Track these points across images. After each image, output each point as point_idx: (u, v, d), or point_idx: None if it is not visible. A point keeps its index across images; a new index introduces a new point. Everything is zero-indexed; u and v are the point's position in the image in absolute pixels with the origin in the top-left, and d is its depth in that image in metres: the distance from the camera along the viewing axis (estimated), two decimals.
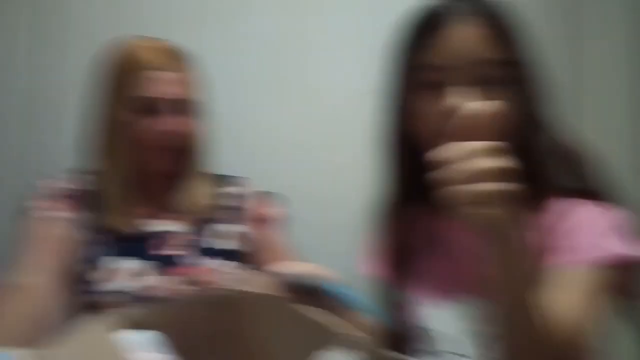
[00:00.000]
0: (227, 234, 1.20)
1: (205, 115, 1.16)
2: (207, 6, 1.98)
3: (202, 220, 1.19)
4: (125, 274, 1.08)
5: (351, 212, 1.90)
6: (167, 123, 1.07)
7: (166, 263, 1.12)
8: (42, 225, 1.08)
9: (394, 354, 0.58)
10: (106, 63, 1.11)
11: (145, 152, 1.09)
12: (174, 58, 1.11)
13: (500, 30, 0.78)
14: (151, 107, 1.06)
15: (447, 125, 0.64)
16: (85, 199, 1.13)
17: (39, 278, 0.97)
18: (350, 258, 0.98)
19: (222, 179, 1.26)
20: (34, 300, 0.98)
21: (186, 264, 1.13)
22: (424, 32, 0.79)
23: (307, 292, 0.68)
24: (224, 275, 1.02)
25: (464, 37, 0.76)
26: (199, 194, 1.17)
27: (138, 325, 0.60)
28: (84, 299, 1.06)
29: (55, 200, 1.11)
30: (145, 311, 0.63)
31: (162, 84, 1.07)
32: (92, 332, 0.57)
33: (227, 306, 0.66)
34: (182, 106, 1.09)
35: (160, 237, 1.15)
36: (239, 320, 0.65)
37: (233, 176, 1.27)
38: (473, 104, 0.62)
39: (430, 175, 0.61)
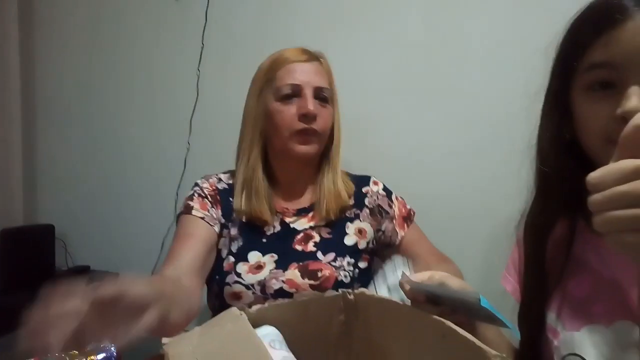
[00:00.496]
0: (358, 232, 1.22)
1: (339, 110, 1.24)
2: (355, 9, 2.02)
3: (341, 217, 1.22)
4: (266, 269, 1.12)
5: (497, 223, 1.80)
6: (311, 104, 1.13)
7: (303, 259, 1.15)
8: (191, 222, 1.14)
9: None
10: (259, 67, 1.23)
11: (290, 137, 1.14)
12: (313, 55, 1.22)
13: None
14: (295, 92, 1.15)
15: (619, 133, 0.55)
16: (231, 197, 1.20)
17: (182, 272, 1.02)
18: (489, 270, 0.91)
19: (358, 178, 1.31)
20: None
21: (323, 260, 1.15)
22: (598, 26, 0.70)
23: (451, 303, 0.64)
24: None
25: None
26: (337, 187, 1.21)
27: (263, 320, 0.61)
28: (225, 291, 1.12)
29: (205, 198, 1.19)
30: (269, 307, 0.64)
31: (303, 73, 1.16)
32: (232, 324, 0.58)
33: (352, 309, 0.64)
34: (322, 94, 1.17)
35: (299, 233, 1.19)
36: (363, 325, 0.63)
37: (367, 176, 1.32)
38: None
39: (587, 193, 0.53)
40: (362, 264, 1.20)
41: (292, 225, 1.20)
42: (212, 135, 2.09)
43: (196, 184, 1.23)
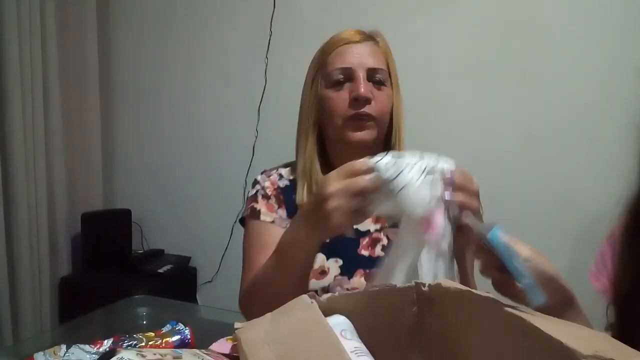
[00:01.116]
0: None
1: (400, 92, 1.14)
2: None
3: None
4: (330, 275, 1.06)
5: (582, 215, 1.72)
6: (363, 87, 1.03)
7: (371, 265, 1.06)
8: (264, 229, 1.09)
9: None
10: (315, 54, 1.14)
11: (344, 124, 1.06)
12: (367, 35, 1.11)
13: None
14: (347, 76, 1.06)
15: None
16: (293, 192, 1.13)
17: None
18: (571, 271, 0.85)
19: None
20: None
21: None
22: None
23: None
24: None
25: None
26: None
27: (334, 309, 0.60)
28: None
29: (269, 199, 1.13)
30: (340, 296, 0.62)
31: (355, 55, 1.07)
32: (302, 312, 0.58)
33: (426, 301, 0.62)
34: (377, 76, 1.07)
35: (364, 237, 1.11)
36: (438, 318, 0.61)
37: None
38: None
39: None
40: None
41: (355, 226, 1.10)
42: (280, 123, 2.10)
43: (257, 182, 1.16)
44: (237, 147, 2.27)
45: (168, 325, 0.87)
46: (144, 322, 1.12)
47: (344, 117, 1.05)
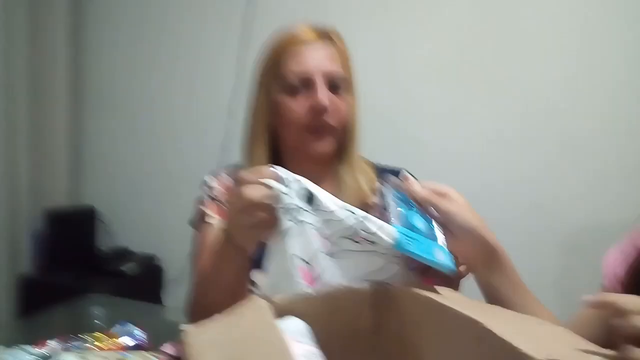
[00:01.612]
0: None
1: (358, 97, 1.07)
2: None
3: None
4: None
5: (549, 220, 1.74)
6: (322, 97, 0.97)
7: None
8: (210, 232, 1.02)
9: None
10: (264, 50, 1.07)
11: (301, 134, 1.00)
12: (323, 33, 1.04)
13: None
14: (304, 82, 0.99)
15: None
16: None
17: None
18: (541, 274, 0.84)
19: (386, 171, 1.10)
20: None
21: None
22: None
23: None
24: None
25: None
26: (358, 183, 1.06)
27: (290, 312, 0.57)
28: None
29: (217, 201, 1.07)
30: (296, 298, 0.60)
31: (312, 58, 0.99)
32: (254, 313, 0.55)
33: (384, 302, 0.60)
34: (336, 81, 1.00)
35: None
36: (395, 321, 0.59)
37: (397, 169, 1.10)
38: None
39: None
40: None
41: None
42: None
43: (204, 183, 1.10)
44: (205, 144, 2.23)
45: (118, 325, 0.83)
46: (98, 322, 1.08)
47: (302, 126, 0.99)
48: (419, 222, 0.68)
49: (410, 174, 1.16)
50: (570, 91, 1.77)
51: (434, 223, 0.70)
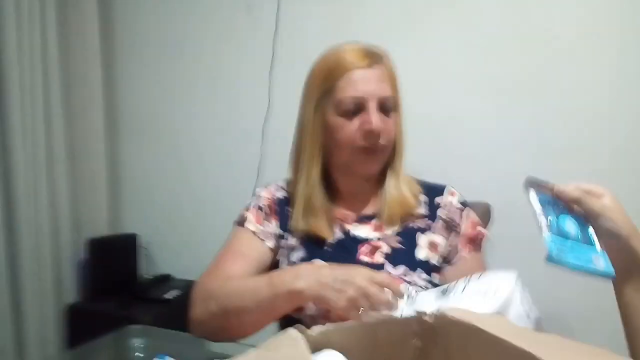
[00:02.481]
0: (431, 245, 1.11)
1: (402, 116, 1.13)
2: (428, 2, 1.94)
3: (411, 227, 1.12)
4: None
5: None
6: (377, 121, 1.04)
7: None
8: (244, 237, 1.12)
9: None
10: (314, 70, 1.13)
11: (355, 154, 1.07)
12: (375, 57, 1.09)
13: None
14: (358, 106, 1.05)
15: None
16: (289, 206, 1.15)
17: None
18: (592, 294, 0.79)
19: (432, 187, 1.19)
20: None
21: (393, 274, 1.06)
22: None
23: None
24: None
25: None
26: (402, 195, 1.12)
27: (326, 344, 0.54)
28: None
29: (261, 210, 1.15)
30: (333, 329, 0.57)
31: (366, 82, 1.06)
32: (288, 348, 0.53)
33: (430, 333, 0.56)
34: (387, 103, 1.07)
35: (363, 244, 1.11)
36: (443, 353, 0.55)
37: (443, 185, 1.19)
38: None
39: None
40: (438, 280, 1.09)
41: (352, 233, 1.12)
42: (284, 143, 2.08)
43: (255, 194, 1.20)
44: (241, 169, 2.23)
45: (155, 359, 0.81)
46: (139, 355, 1.07)
47: (354, 148, 1.06)
48: (571, 226, 0.63)
49: (455, 190, 1.18)
50: (617, 96, 1.69)
51: (589, 227, 0.65)
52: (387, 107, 1.07)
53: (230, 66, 2.28)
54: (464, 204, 1.17)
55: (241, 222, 1.14)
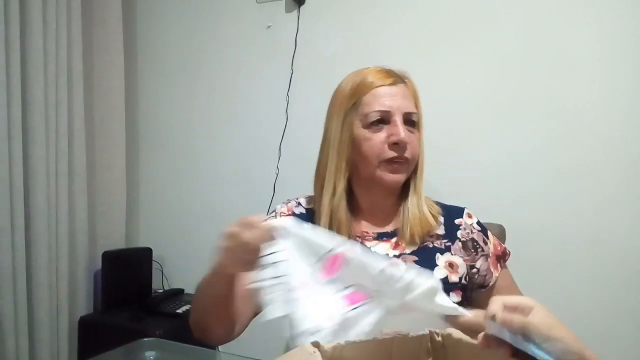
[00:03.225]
0: (449, 265, 1.12)
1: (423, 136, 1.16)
2: (445, 23, 1.96)
3: (430, 247, 1.13)
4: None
5: (615, 258, 1.63)
6: (402, 132, 1.08)
7: None
8: None
9: None
10: (340, 88, 1.16)
11: (381, 165, 1.10)
12: (398, 77, 1.15)
13: None
14: (384, 119, 1.09)
15: None
16: (308, 220, 1.14)
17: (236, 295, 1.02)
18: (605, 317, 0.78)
19: (451, 208, 1.21)
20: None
21: None
22: None
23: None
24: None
25: None
26: (423, 214, 1.14)
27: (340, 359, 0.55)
28: None
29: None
30: (347, 345, 0.57)
31: (391, 97, 1.10)
32: None
33: (441, 351, 0.56)
34: (411, 119, 1.12)
35: None
36: None
37: (462, 207, 1.22)
38: None
39: None
40: (455, 298, 1.09)
41: (372, 249, 1.12)
42: (301, 160, 2.10)
43: (274, 210, 1.22)
44: (258, 186, 2.25)
45: None
46: None
47: (381, 159, 1.09)
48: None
49: (472, 212, 1.19)
50: (632, 117, 1.69)
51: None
52: (412, 123, 1.12)
53: (249, 83, 2.31)
54: (483, 226, 1.19)
55: None
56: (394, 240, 1.14)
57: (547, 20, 1.79)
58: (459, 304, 1.08)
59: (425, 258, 1.11)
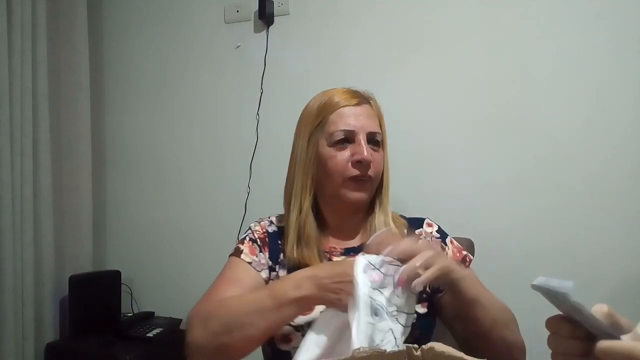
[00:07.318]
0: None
1: (387, 155, 1.20)
2: (410, 45, 2.00)
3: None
4: (316, 310, 1.04)
5: (579, 262, 1.68)
6: (366, 151, 1.11)
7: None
8: (239, 266, 1.14)
9: None
10: (307, 108, 1.20)
11: (344, 183, 1.12)
12: (364, 97, 1.19)
13: None
14: (349, 138, 1.13)
15: None
16: (280, 240, 1.19)
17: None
18: None
19: (413, 220, 1.25)
20: None
21: None
22: None
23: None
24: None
25: None
26: (389, 229, 1.16)
27: None
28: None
29: (254, 242, 1.18)
30: None
31: (356, 117, 1.14)
32: None
33: None
34: (375, 138, 1.15)
35: None
36: None
37: (422, 218, 1.26)
38: None
39: None
40: (421, 310, 1.12)
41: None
42: (271, 179, 2.10)
43: (249, 228, 1.23)
44: (229, 205, 2.24)
45: None
46: None
47: (345, 177, 1.12)
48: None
49: (433, 222, 1.22)
50: (591, 133, 1.76)
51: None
52: (376, 142, 1.15)
53: (219, 103, 2.31)
54: (443, 233, 1.23)
55: (237, 253, 1.16)
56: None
57: (511, 38, 1.86)
58: (426, 314, 1.11)
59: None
